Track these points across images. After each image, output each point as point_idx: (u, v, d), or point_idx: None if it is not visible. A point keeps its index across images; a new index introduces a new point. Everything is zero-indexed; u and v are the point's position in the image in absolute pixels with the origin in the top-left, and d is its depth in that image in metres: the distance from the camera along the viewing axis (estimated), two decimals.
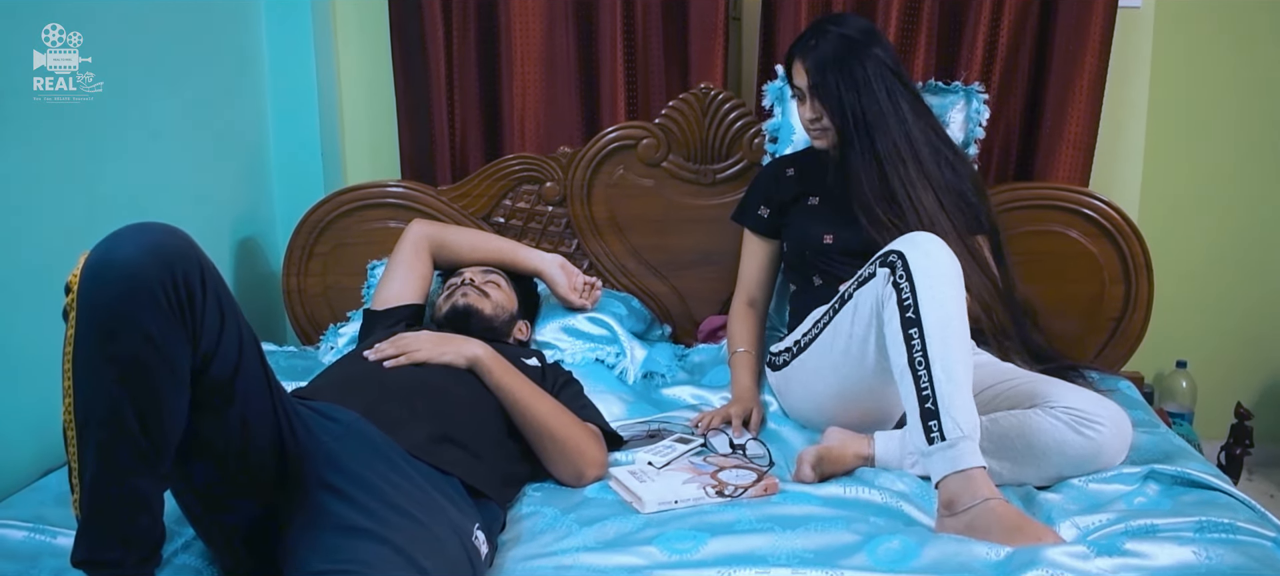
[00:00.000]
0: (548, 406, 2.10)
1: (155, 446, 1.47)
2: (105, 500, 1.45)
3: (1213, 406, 3.37)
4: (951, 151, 2.43)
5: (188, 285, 1.46)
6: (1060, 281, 2.79)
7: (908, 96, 2.39)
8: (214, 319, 1.51)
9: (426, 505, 1.67)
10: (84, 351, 1.43)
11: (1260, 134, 3.27)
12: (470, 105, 3.11)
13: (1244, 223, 3.33)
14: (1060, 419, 2.02)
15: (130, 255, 1.42)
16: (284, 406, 1.67)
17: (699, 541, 1.82)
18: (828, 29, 2.40)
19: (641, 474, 2.08)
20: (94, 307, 1.42)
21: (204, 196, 2.75)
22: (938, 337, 1.91)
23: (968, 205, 2.41)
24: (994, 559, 1.77)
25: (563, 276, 2.69)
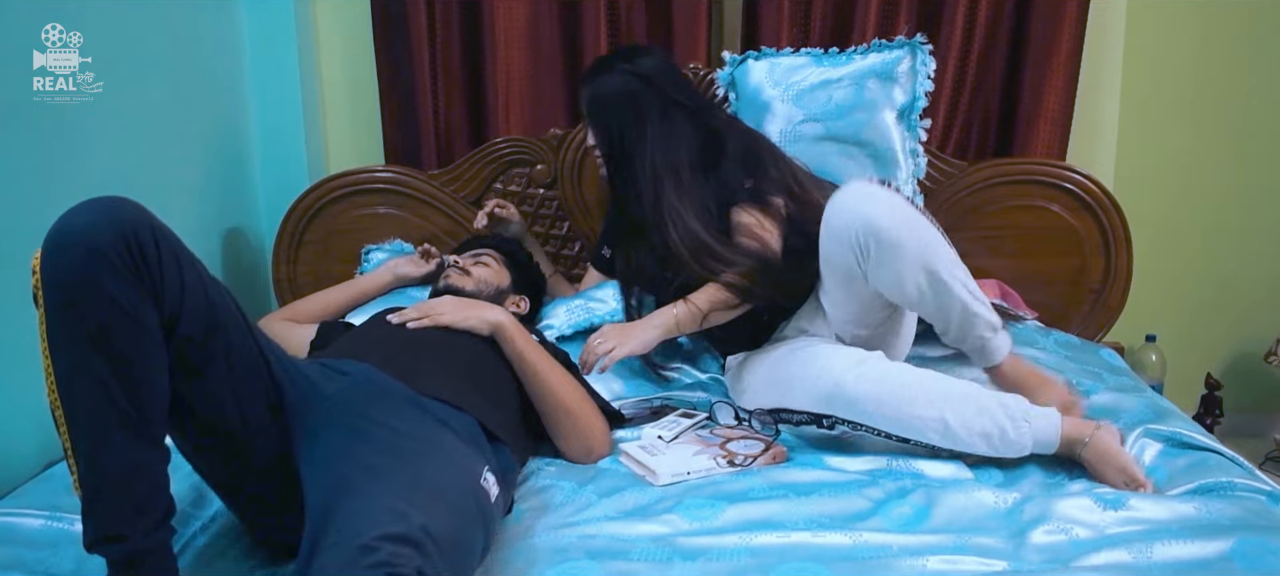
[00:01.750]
0: (564, 381, 2.13)
1: (140, 410, 1.48)
2: (102, 474, 1.46)
3: (1182, 378, 3.45)
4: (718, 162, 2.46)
5: (139, 243, 1.47)
6: (1042, 254, 2.86)
7: (674, 120, 2.45)
8: (173, 274, 1.51)
9: (429, 443, 1.68)
10: (56, 328, 1.46)
11: (1230, 110, 3.35)
12: (455, 88, 3.12)
13: (1212, 197, 3.41)
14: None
15: (82, 224, 1.45)
16: (275, 364, 1.68)
17: (717, 509, 1.86)
18: (598, 67, 2.52)
19: (651, 447, 2.12)
20: (57, 282, 1.44)
21: (186, 186, 2.74)
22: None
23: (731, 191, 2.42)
24: (1002, 508, 1.85)
25: (407, 266, 2.77)
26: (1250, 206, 3.43)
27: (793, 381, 2.16)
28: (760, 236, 2.34)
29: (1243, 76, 3.33)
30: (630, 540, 1.77)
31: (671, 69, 2.54)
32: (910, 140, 2.71)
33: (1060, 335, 2.59)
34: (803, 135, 2.68)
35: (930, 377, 2.04)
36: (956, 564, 1.65)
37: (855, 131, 2.67)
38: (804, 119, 2.68)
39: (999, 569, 1.64)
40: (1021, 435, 2.00)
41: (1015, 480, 2.00)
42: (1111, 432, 2.04)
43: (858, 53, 2.73)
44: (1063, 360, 2.41)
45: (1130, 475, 1.94)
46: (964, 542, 1.74)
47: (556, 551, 1.73)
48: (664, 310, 2.32)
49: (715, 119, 2.50)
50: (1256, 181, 3.40)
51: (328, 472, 1.59)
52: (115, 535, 1.46)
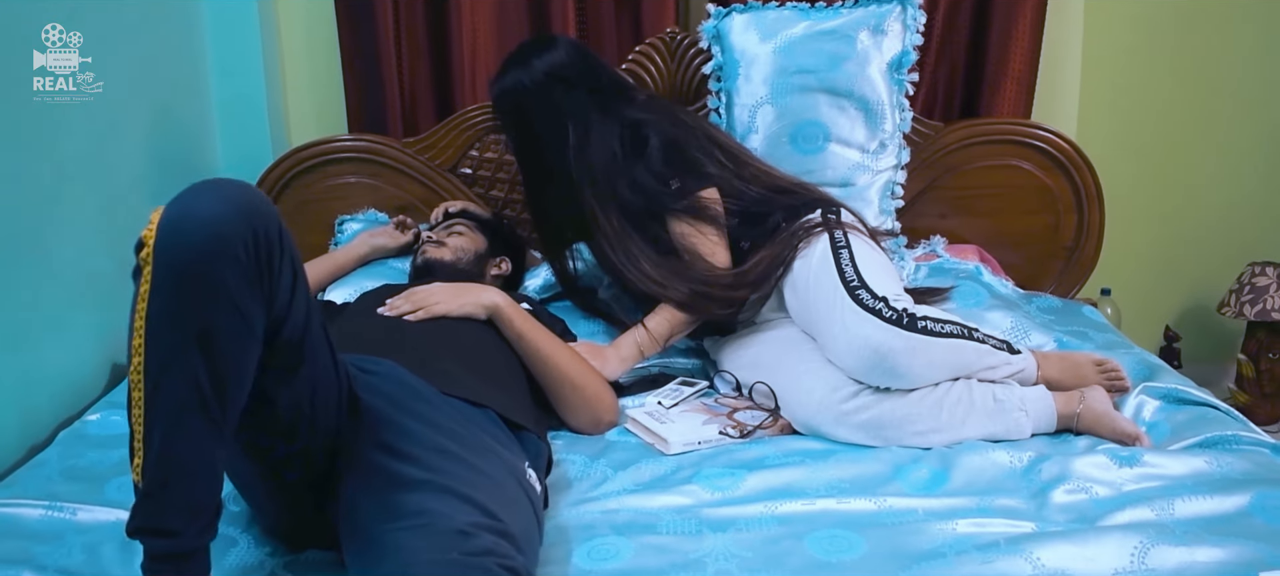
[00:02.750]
0: (566, 355, 2.11)
1: (223, 411, 1.43)
2: (172, 467, 1.40)
3: (1136, 332, 3.50)
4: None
5: (268, 243, 1.42)
6: (1016, 214, 2.89)
7: (593, 121, 2.37)
8: (288, 279, 1.48)
9: (474, 446, 1.65)
10: (160, 310, 1.38)
11: (1185, 68, 3.40)
12: (419, 55, 3.05)
13: (1167, 152, 3.46)
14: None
15: (211, 210, 1.37)
16: (342, 366, 1.64)
17: (738, 477, 1.86)
18: (507, 65, 2.45)
19: (658, 414, 2.10)
20: (173, 265, 1.37)
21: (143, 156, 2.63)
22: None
23: (657, 196, 2.32)
24: (1018, 467, 1.89)
25: (383, 238, 2.72)
26: (1204, 161, 3.49)
27: (777, 388, 2.14)
28: (702, 250, 2.28)
29: (1199, 34, 3.38)
30: (654, 513, 1.77)
31: (585, 58, 2.45)
32: (897, 94, 2.71)
33: (1042, 299, 2.62)
34: (793, 86, 2.65)
35: (925, 407, 2.00)
36: (985, 526, 1.67)
37: (848, 83, 2.64)
38: (795, 70, 2.65)
39: (1027, 530, 1.66)
40: (1022, 427, 2.03)
41: (1025, 439, 2.03)
42: (1097, 394, 2.08)
43: (847, 5, 2.71)
44: (1048, 323, 2.44)
45: (1124, 434, 1.97)
46: (988, 504, 1.76)
47: (582, 528, 1.72)
48: (625, 342, 2.26)
49: (634, 108, 2.40)
50: (1211, 136, 3.46)
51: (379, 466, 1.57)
52: (168, 529, 1.41)
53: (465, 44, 3.01)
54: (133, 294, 1.42)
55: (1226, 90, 3.44)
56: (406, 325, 2.06)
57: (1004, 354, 2.09)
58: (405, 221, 2.76)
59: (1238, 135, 3.47)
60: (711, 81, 2.78)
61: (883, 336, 1.98)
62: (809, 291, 2.15)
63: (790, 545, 1.65)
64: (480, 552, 1.39)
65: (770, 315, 2.30)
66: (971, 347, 2.03)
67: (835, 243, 2.18)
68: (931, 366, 2.00)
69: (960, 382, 2.03)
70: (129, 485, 1.80)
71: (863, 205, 2.62)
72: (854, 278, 2.08)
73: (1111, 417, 2.01)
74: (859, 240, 2.21)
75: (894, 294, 2.06)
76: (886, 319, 1.99)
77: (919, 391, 2.01)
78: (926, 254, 2.76)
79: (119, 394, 2.26)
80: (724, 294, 2.24)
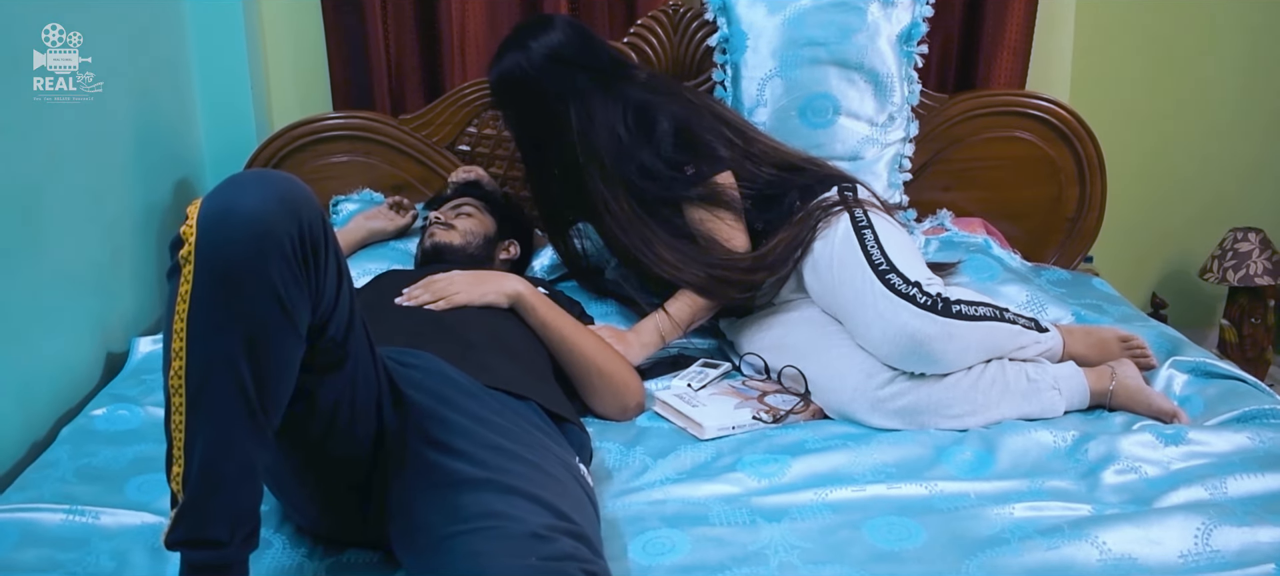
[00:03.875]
0: (592, 341, 2.06)
1: (268, 413, 1.37)
2: (216, 476, 1.34)
3: None
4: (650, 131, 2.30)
5: (313, 236, 1.36)
6: (1018, 185, 2.88)
7: (596, 105, 2.30)
8: (333, 274, 1.42)
9: (528, 442, 1.60)
10: (202, 311, 1.31)
11: (1171, 35, 3.41)
12: (406, 29, 2.96)
13: (1149, 117, 3.47)
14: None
15: (255, 204, 1.31)
16: (381, 360, 1.58)
17: (782, 464, 1.83)
18: (504, 48, 2.38)
19: (688, 397, 2.06)
20: (216, 261, 1.30)
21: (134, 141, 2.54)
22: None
23: (665, 181, 2.27)
24: (1063, 447, 1.87)
25: (380, 220, 2.65)
26: (1186, 126, 3.51)
27: (807, 372, 2.10)
28: (720, 235, 2.23)
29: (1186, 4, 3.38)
30: (702, 503, 1.73)
31: (584, 37, 2.39)
32: (905, 66, 2.68)
33: (1050, 271, 2.62)
34: (803, 59, 2.61)
35: (960, 390, 1.98)
36: (1042, 510, 1.66)
37: (858, 55, 2.60)
38: (805, 42, 2.60)
39: (1084, 512, 1.65)
40: (1055, 405, 2.01)
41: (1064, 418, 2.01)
42: (1128, 369, 2.07)
43: None
44: (1062, 296, 2.43)
45: (1161, 410, 1.97)
46: (1039, 487, 1.75)
47: (631, 521, 1.68)
48: (646, 327, 2.22)
49: (638, 88, 2.34)
50: (1193, 101, 3.48)
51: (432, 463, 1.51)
52: (212, 540, 1.34)
53: (454, 17, 2.93)
54: (169, 294, 1.35)
55: (1209, 56, 3.45)
56: (433, 315, 1.99)
57: (1033, 333, 2.07)
58: (401, 201, 2.68)
59: (1220, 100, 3.49)
60: (716, 54, 2.73)
61: (919, 323, 1.95)
62: (833, 274, 2.12)
63: (849, 534, 1.62)
64: (560, 557, 1.35)
65: (790, 295, 2.27)
66: (1004, 329, 2.02)
67: (856, 222, 2.14)
68: (967, 350, 1.98)
69: (993, 364, 2.01)
70: (149, 485, 1.80)
71: (871, 178, 2.59)
72: (882, 261, 2.05)
73: (1146, 393, 2.01)
74: (880, 219, 2.18)
75: (926, 278, 2.04)
76: (922, 305, 1.96)
77: (954, 375, 1.98)
78: (934, 227, 2.74)
79: (121, 386, 2.18)
80: (742, 277, 2.20)
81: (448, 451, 1.54)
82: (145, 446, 1.92)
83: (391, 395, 1.58)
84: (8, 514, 1.67)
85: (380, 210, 2.67)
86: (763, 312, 2.28)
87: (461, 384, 1.68)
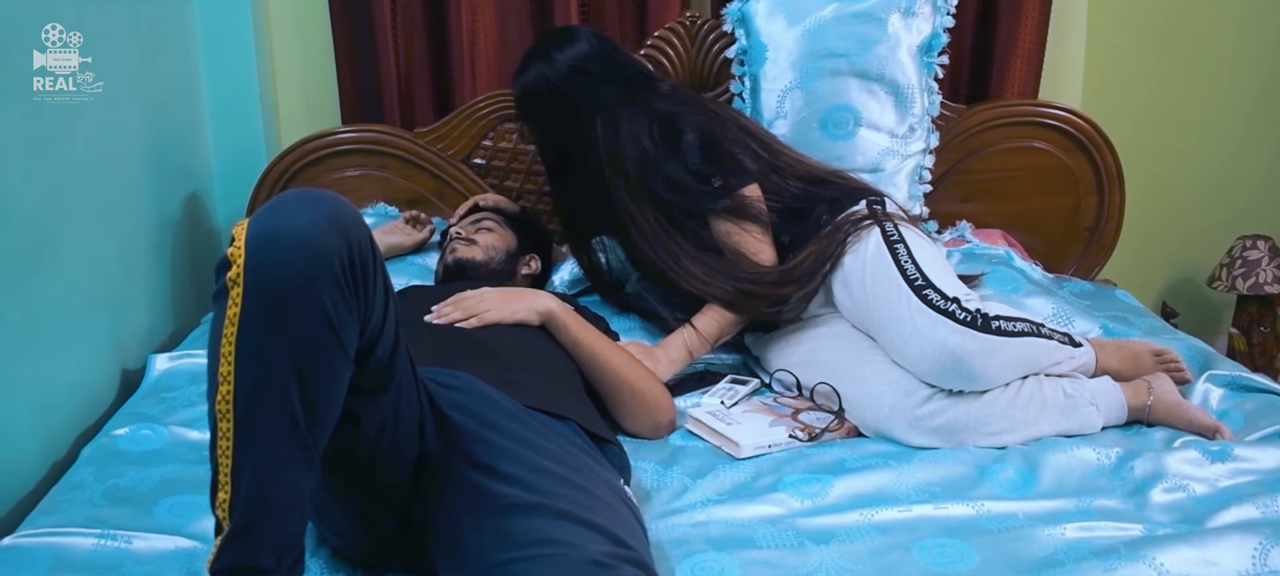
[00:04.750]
0: (623, 358, 2.03)
1: (316, 438, 1.35)
2: (265, 501, 1.32)
3: None
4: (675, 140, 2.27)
5: (362, 257, 1.34)
6: (1036, 196, 2.87)
7: (621, 116, 2.28)
8: (380, 295, 1.40)
9: (574, 464, 1.57)
10: (252, 333, 1.29)
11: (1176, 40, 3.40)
12: (416, 41, 2.93)
13: (1158, 125, 3.46)
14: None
15: (305, 225, 1.29)
16: (423, 383, 1.55)
17: (824, 483, 1.80)
18: (528, 59, 2.37)
19: (721, 415, 2.04)
20: (267, 285, 1.28)
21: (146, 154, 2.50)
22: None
23: (692, 193, 2.25)
24: (1108, 464, 1.86)
25: (397, 236, 2.62)
26: (1194, 134, 3.50)
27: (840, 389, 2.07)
28: (747, 249, 2.21)
29: (1190, 8, 3.37)
30: (747, 524, 1.71)
31: (608, 49, 2.37)
32: (926, 77, 2.67)
33: (1072, 283, 2.61)
34: (823, 70, 2.59)
35: (999, 408, 1.96)
36: (1094, 530, 1.64)
37: (879, 66, 2.59)
38: (825, 53, 2.59)
39: (1136, 533, 1.63)
40: (1093, 421, 2.00)
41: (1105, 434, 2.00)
42: (1164, 383, 2.06)
43: None
44: (1087, 309, 2.42)
45: (1202, 426, 1.96)
46: (1088, 506, 1.73)
47: (676, 543, 1.65)
48: (674, 343, 2.20)
49: (662, 99, 2.32)
50: (1201, 109, 3.47)
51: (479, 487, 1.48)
52: (259, 568, 1.32)
53: (465, 30, 2.90)
54: (215, 317, 1.33)
55: (1217, 63, 3.44)
56: (465, 333, 1.96)
57: (1068, 348, 2.06)
58: (418, 216, 2.65)
59: (1229, 108, 3.48)
60: (734, 66, 2.71)
61: (958, 340, 1.93)
62: (866, 289, 2.09)
63: (899, 557, 1.60)
64: None
65: (817, 310, 2.24)
66: (1042, 344, 2.00)
67: (888, 236, 2.12)
68: (1006, 367, 1.96)
69: (1031, 380, 1.99)
70: (180, 507, 1.77)
71: (892, 190, 2.56)
72: (917, 276, 2.03)
73: (1185, 408, 1.99)
74: (911, 232, 2.16)
75: (963, 293, 2.02)
76: (961, 321, 1.94)
77: (991, 391, 1.96)
78: (955, 239, 2.73)
79: (141, 404, 2.14)
80: (770, 291, 2.18)
81: (494, 475, 1.51)
82: (172, 467, 1.88)
83: (433, 417, 1.56)
84: (38, 539, 1.63)
85: (396, 225, 2.64)
86: (790, 328, 2.26)
87: (503, 405, 1.65)
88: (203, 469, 1.86)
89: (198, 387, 2.17)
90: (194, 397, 2.14)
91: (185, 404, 2.12)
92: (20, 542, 1.61)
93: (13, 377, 1.90)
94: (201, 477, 1.82)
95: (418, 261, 2.60)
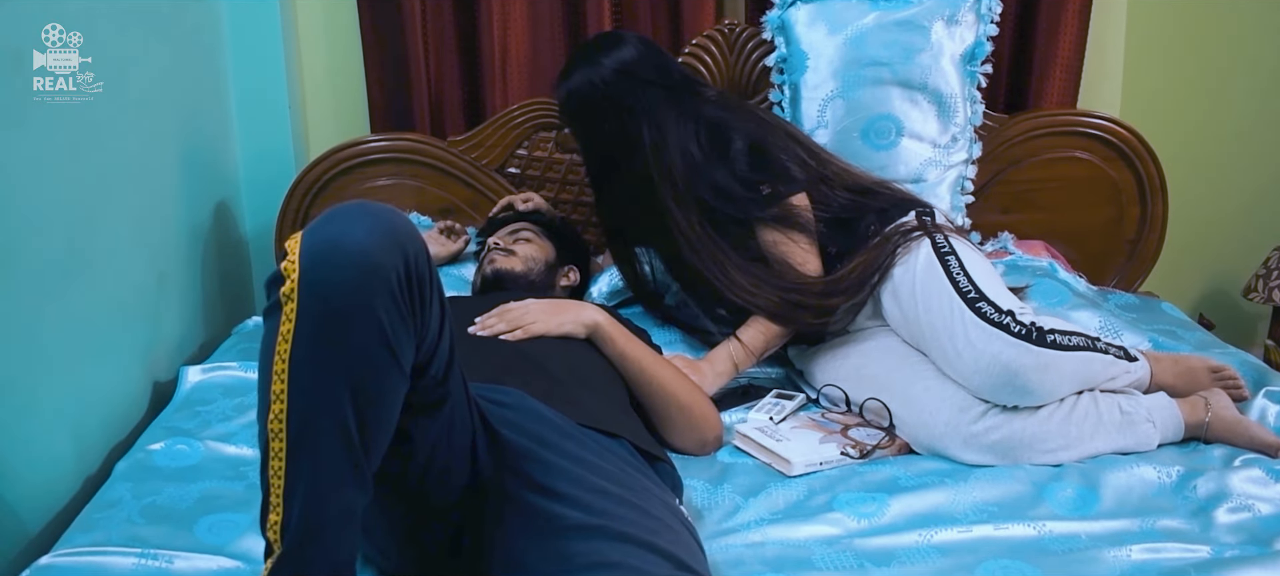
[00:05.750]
0: (670, 372, 1.98)
1: (369, 459, 1.31)
2: (317, 524, 1.28)
3: None
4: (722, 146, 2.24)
5: (419, 272, 1.31)
6: (1078, 207, 2.83)
7: (669, 120, 2.24)
8: (436, 311, 1.36)
9: (630, 484, 1.53)
10: (307, 350, 1.25)
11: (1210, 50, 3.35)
12: (446, 49, 2.89)
13: (1192, 135, 3.41)
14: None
15: (362, 239, 1.25)
16: (475, 401, 1.51)
17: (880, 502, 1.76)
18: (575, 62, 2.33)
19: (771, 431, 2.00)
20: (323, 301, 1.24)
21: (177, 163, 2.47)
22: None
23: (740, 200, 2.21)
24: (1169, 483, 1.82)
25: (432, 246, 2.54)
26: (1231, 144, 3.45)
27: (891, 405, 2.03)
28: (794, 259, 2.18)
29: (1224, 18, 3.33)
30: (803, 545, 1.67)
31: (655, 53, 2.34)
32: (969, 86, 2.63)
33: (1117, 295, 2.57)
34: (865, 79, 2.55)
35: (1054, 424, 1.91)
36: (1160, 552, 1.60)
37: (922, 75, 2.55)
38: (867, 62, 2.55)
39: (1204, 555, 1.59)
40: (1150, 438, 1.95)
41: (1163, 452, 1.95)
42: (1222, 400, 2.01)
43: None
44: (1134, 321, 2.37)
45: (1264, 443, 1.91)
46: (1152, 527, 1.69)
47: (732, 565, 1.62)
48: (719, 356, 2.16)
49: (710, 105, 2.28)
50: (1238, 118, 3.42)
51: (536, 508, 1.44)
52: None
53: (496, 38, 2.86)
54: (266, 333, 1.29)
55: (1253, 71, 3.39)
56: (511, 346, 1.92)
57: (1123, 362, 2.01)
58: (452, 226, 2.61)
59: (1265, 117, 3.43)
60: (774, 74, 2.67)
61: (1013, 353, 1.88)
62: (917, 302, 2.05)
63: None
64: None
65: (866, 323, 2.20)
66: (1098, 359, 1.96)
67: (939, 248, 2.08)
68: (1062, 382, 1.91)
69: (1086, 396, 1.95)
70: (220, 525, 1.74)
71: (934, 201, 2.51)
72: (970, 288, 1.99)
73: (1244, 425, 1.95)
74: (963, 244, 2.11)
75: (1017, 306, 1.97)
76: (1016, 334, 1.90)
77: (1047, 407, 1.92)
78: (997, 250, 2.68)
79: (175, 418, 2.10)
80: (817, 302, 2.14)
81: (551, 495, 1.47)
82: (210, 483, 1.85)
83: (486, 435, 1.52)
84: (77, 558, 1.58)
85: (431, 235, 2.60)
86: (837, 342, 2.21)
87: (555, 423, 1.61)
88: (241, 485, 1.84)
89: (231, 400, 2.15)
90: (228, 411, 2.11)
91: (220, 418, 2.09)
92: (58, 562, 1.57)
93: (46, 390, 1.87)
94: (240, 494, 1.80)
95: (453, 272, 2.56)
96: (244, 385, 2.18)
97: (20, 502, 1.77)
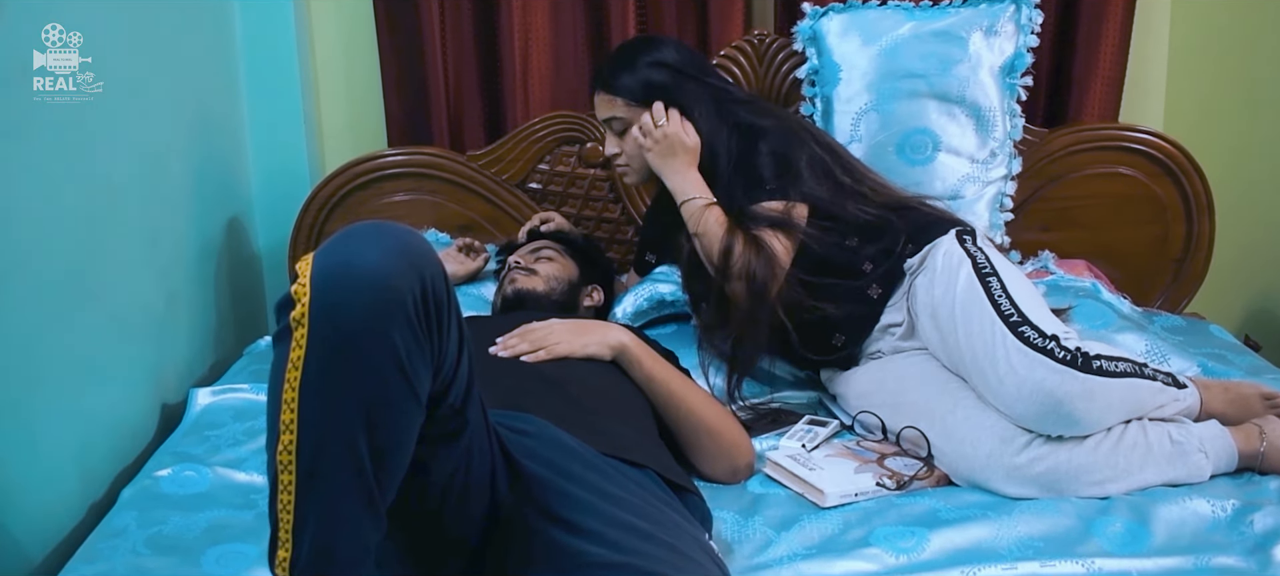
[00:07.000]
0: (700, 397, 1.90)
1: (383, 492, 1.24)
2: (329, 560, 1.21)
3: None
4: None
5: (436, 295, 1.24)
6: (1122, 225, 2.73)
7: (707, 117, 2.22)
8: (454, 335, 1.29)
9: (658, 519, 1.46)
10: (318, 378, 1.19)
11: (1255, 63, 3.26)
12: (465, 60, 2.82)
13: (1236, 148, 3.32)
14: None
15: (377, 260, 1.19)
16: (495, 429, 1.44)
17: (919, 537, 1.67)
18: (617, 59, 2.29)
19: (804, 459, 1.91)
20: (334, 325, 1.18)
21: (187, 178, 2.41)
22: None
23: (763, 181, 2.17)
24: (1223, 517, 1.73)
25: (451, 264, 2.48)
26: (1277, 158, 3.35)
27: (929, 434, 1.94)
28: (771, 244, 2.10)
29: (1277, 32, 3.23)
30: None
31: (693, 55, 2.31)
32: (1008, 99, 2.54)
33: (1163, 317, 2.47)
34: (900, 91, 2.48)
35: (1101, 454, 1.81)
36: None
37: (960, 88, 2.47)
38: (903, 74, 2.48)
39: None
40: (1202, 469, 1.85)
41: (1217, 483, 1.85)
42: (1276, 427, 1.91)
43: (955, 4, 2.53)
44: (1181, 345, 2.27)
45: None
46: (1207, 564, 1.60)
47: None
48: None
49: (745, 110, 2.24)
50: None
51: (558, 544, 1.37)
52: None
53: (516, 49, 2.79)
54: (276, 359, 1.23)
55: None
56: (533, 369, 1.84)
57: (1172, 389, 1.91)
58: (472, 244, 2.54)
59: None
60: (805, 86, 2.60)
61: (1058, 380, 1.79)
62: (956, 325, 1.95)
63: None
64: None
65: (903, 346, 2.11)
66: (1146, 386, 1.86)
67: (980, 269, 1.98)
68: (1109, 410, 1.81)
69: (1134, 425, 1.85)
70: (228, 557, 1.68)
71: (971, 218, 2.42)
72: (1012, 311, 1.89)
73: None
74: (1005, 264, 2.02)
75: (1062, 330, 1.88)
76: (1060, 360, 1.80)
77: (1093, 437, 1.82)
78: (1038, 270, 2.59)
79: (183, 443, 2.04)
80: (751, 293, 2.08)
81: (575, 530, 1.40)
82: (218, 512, 1.78)
83: (506, 465, 1.44)
84: None
85: (449, 253, 2.52)
86: (872, 366, 2.12)
87: (579, 453, 1.53)
88: (250, 513, 1.77)
89: (242, 424, 2.09)
90: (239, 435, 2.05)
91: (230, 443, 2.02)
92: None
93: (49, 412, 1.81)
94: (249, 524, 1.73)
95: (472, 291, 2.49)
96: (255, 408, 2.12)
97: (22, 530, 1.72)
